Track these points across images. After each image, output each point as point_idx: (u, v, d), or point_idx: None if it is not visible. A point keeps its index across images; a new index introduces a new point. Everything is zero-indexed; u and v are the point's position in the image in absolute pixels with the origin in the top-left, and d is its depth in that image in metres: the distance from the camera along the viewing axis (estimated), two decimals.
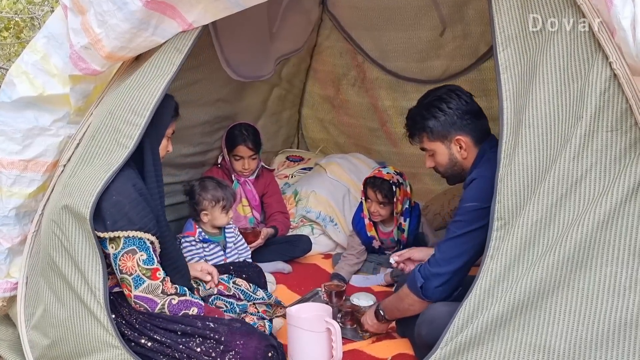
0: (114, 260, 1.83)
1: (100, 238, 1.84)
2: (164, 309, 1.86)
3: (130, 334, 1.90)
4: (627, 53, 1.53)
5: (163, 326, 1.87)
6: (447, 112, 2.08)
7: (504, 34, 1.75)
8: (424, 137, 2.15)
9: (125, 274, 1.81)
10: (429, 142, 2.14)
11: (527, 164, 1.69)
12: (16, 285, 2.21)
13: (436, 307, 1.94)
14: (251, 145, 3.08)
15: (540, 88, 1.67)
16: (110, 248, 1.82)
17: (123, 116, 1.96)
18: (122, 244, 1.80)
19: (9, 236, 2.19)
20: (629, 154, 1.58)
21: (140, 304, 1.85)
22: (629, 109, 1.56)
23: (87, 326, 1.90)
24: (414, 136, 2.22)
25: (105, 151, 1.95)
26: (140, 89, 1.98)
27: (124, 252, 1.80)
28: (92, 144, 1.98)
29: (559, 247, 1.60)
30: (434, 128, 2.10)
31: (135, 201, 1.86)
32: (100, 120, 2.01)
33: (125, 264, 1.81)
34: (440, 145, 2.12)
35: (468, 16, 3.07)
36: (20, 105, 2.13)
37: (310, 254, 3.18)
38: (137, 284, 1.82)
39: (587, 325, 1.58)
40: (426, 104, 2.14)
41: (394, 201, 2.84)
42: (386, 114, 3.74)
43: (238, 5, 1.90)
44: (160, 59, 2.02)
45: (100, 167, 1.92)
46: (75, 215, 1.88)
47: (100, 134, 1.98)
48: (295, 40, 3.48)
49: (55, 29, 2.13)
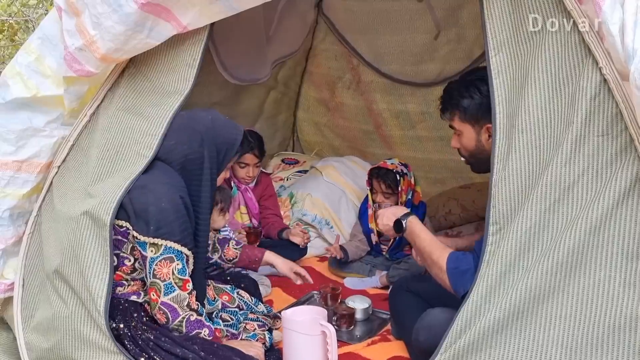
0: (150, 264, 1.81)
1: (138, 240, 1.83)
2: (182, 323, 1.86)
3: (131, 348, 1.86)
4: (616, 58, 1.54)
5: (166, 348, 1.81)
6: (485, 95, 1.90)
7: (496, 39, 1.76)
8: (455, 115, 2.02)
9: (159, 279, 1.81)
10: (459, 122, 2.01)
11: (521, 169, 1.69)
12: (10, 286, 2.21)
13: (434, 314, 1.93)
14: (257, 153, 3.09)
15: (532, 93, 1.68)
16: (150, 252, 1.81)
17: (142, 129, 2.01)
18: (162, 250, 1.81)
19: (2, 237, 2.18)
20: (620, 158, 1.59)
21: (164, 310, 1.84)
22: (619, 113, 1.57)
23: (86, 332, 1.90)
24: (445, 111, 2.07)
25: (128, 163, 1.99)
26: (157, 106, 2.03)
27: (162, 258, 1.81)
28: (117, 158, 2.03)
29: (553, 252, 1.60)
30: (467, 108, 1.96)
31: (179, 213, 1.86)
32: (123, 135, 2.05)
33: (161, 269, 1.81)
34: (470, 129, 1.99)
35: (462, 20, 3.08)
36: (14, 106, 2.13)
37: (306, 257, 3.18)
38: (168, 291, 1.82)
39: (582, 329, 1.58)
40: (467, 81, 1.99)
41: (398, 191, 2.86)
42: (381, 116, 3.75)
43: (232, 8, 1.91)
44: (174, 78, 2.05)
45: (121, 177, 1.95)
46: (95, 221, 1.89)
47: (123, 148, 2.03)
48: (291, 43, 3.48)
49: (50, 30, 2.14)
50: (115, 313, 1.90)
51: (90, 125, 2.17)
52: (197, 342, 1.86)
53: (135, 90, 2.11)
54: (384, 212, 2.17)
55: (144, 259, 1.83)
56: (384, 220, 2.14)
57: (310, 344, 2.00)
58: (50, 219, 2.16)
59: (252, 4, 1.88)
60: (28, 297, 2.14)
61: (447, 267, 1.85)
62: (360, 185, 3.50)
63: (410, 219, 2.06)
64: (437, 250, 1.92)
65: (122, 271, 1.93)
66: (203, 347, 1.84)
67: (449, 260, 1.86)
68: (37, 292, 2.13)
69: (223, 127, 2.03)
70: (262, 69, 3.22)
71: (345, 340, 2.34)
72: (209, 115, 2.05)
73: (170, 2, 1.89)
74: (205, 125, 1.99)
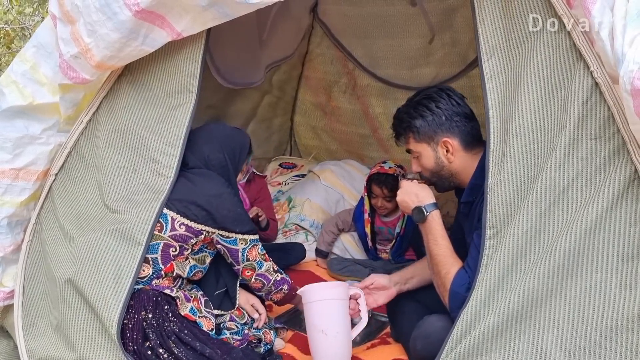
0: (242, 252, 2.15)
1: (229, 238, 2.13)
2: (272, 285, 2.25)
3: (153, 338, 1.95)
4: (607, 62, 1.55)
5: (186, 341, 1.97)
6: (435, 112, 1.97)
7: (488, 43, 1.77)
8: (410, 138, 2.05)
9: (252, 260, 2.18)
10: (415, 143, 2.03)
11: (516, 173, 1.70)
12: (10, 294, 2.21)
13: (431, 322, 1.92)
14: None
15: (525, 97, 1.69)
16: (240, 244, 2.15)
17: (158, 148, 2.09)
18: (249, 242, 2.17)
19: (1, 245, 2.18)
20: (613, 161, 1.59)
21: (259, 280, 2.22)
22: (611, 116, 1.58)
23: (99, 341, 1.93)
24: (400, 136, 2.10)
25: (150, 182, 2.08)
26: (167, 122, 2.09)
27: (251, 246, 2.17)
28: (134, 177, 2.10)
29: (549, 256, 1.61)
30: (420, 128, 1.99)
31: (245, 212, 2.23)
32: (137, 153, 2.11)
33: (252, 253, 2.18)
34: (427, 147, 2.01)
35: (456, 24, 3.09)
36: (10, 115, 2.14)
37: (305, 261, 3.18)
38: (260, 266, 2.20)
39: (580, 331, 1.59)
40: (414, 103, 2.04)
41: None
42: (377, 120, 3.76)
43: (226, 15, 1.92)
44: (177, 90, 2.08)
45: (146, 195, 2.07)
46: (127, 240, 2.00)
47: (140, 166, 2.11)
48: (285, 47, 3.49)
49: (45, 38, 2.14)
50: (147, 304, 2.00)
51: (87, 132, 2.18)
52: (214, 341, 2.03)
53: (138, 100, 2.12)
54: (409, 187, 2.06)
55: (232, 250, 2.16)
56: (405, 197, 2.03)
57: (342, 309, 2.08)
58: (54, 227, 2.17)
59: (245, 10, 1.89)
60: (29, 305, 2.14)
61: (451, 289, 1.83)
62: (357, 189, 3.50)
63: (434, 213, 1.96)
64: (448, 264, 1.88)
65: (177, 260, 2.10)
66: (219, 346, 2.00)
67: (454, 282, 1.83)
68: (39, 300, 2.14)
69: (234, 133, 2.39)
70: (255, 72, 3.23)
71: None
72: (220, 125, 2.45)
73: (164, 9, 1.90)
74: (222, 133, 2.32)
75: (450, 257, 1.89)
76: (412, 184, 2.06)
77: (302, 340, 2.35)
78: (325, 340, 2.03)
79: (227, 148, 2.26)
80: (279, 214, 3.45)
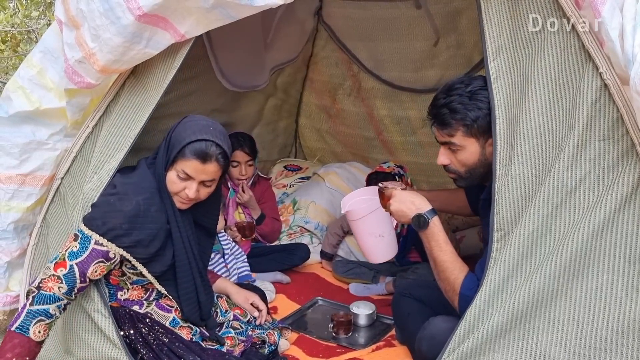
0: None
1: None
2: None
3: (145, 353, 1.92)
4: (616, 63, 1.54)
5: (179, 354, 1.91)
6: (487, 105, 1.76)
7: (494, 43, 1.75)
8: (459, 130, 1.81)
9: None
10: (463, 137, 1.81)
11: (523, 174, 1.69)
12: (16, 298, 2.22)
13: (437, 324, 1.92)
14: (248, 150, 3.07)
15: (533, 99, 1.68)
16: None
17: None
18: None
19: (7, 250, 2.19)
20: (621, 163, 1.59)
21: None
22: (620, 118, 1.57)
23: (95, 340, 1.94)
24: (445, 126, 1.82)
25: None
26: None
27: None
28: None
29: (555, 257, 1.60)
30: (477, 121, 1.77)
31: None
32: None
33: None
34: (474, 143, 1.82)
35: (461, 26, 3.08)
36: (17, 120, 2.14)
37: (309, 263, 3.18)
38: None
39: (585, 333, 1.58)
40: (469, 92, 1.79)
41: None
42: (382, 123, 3.75)
43: (230, 17, 1.91)
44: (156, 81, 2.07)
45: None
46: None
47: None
48: (289, 50, 3.49)
49: (51, 43, 2.15)
50: (123, 321, 1.95)
51: (93, 137, 2.18)
52: (209, 352, 1.95)
53: (135, 103, 2.11)
54: (403, 195, 1.95)
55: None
56: (402, 206, 1.92)
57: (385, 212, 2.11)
58: (61, 231, 2.17)
59: (249, 12, 1.88)
60: None
61: (461, 293, 1.80)
62: None
63: (434, 219, 1.87)
64: (456, 270, 1.83)
65: (114, 274, 1.97)
66: (215, 357, 1.94)
67: (464, 285, 1.80)
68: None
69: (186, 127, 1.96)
70: (260, 75, 3.23)
71: (345, 345, 2.33)
72: (184, 118, 2.03)
73: (167, 11, 1.90)
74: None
75: (457, 262, 1.85)
76: (406, 193, 1.97)
77: (308, 343, 2.36)
78: (382, 242, 2.22)
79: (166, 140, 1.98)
80: (284, 216, 3.45)
